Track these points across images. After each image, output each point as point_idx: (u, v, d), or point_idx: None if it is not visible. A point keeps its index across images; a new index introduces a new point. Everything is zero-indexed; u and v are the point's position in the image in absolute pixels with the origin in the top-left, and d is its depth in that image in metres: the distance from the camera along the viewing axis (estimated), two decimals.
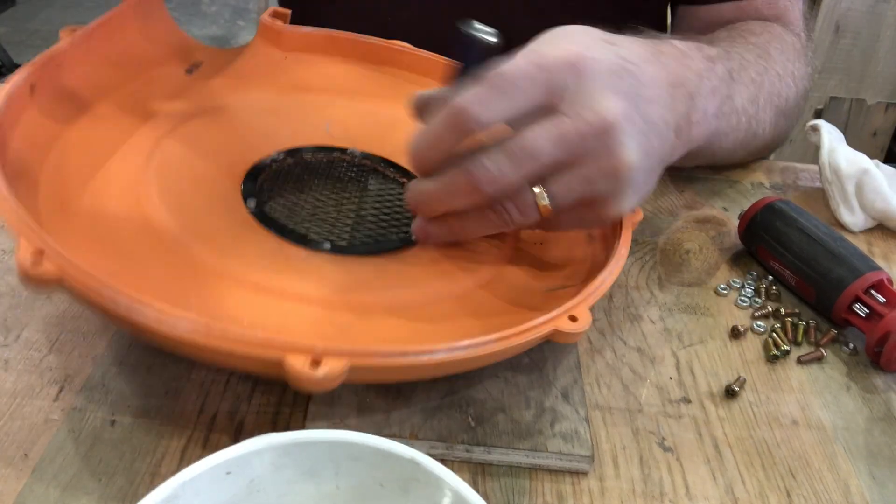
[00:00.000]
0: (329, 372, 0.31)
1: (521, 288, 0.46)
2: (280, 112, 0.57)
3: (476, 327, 0.36)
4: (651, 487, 0.38)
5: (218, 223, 0.46)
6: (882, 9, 1.69)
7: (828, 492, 0.39)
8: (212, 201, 0.47)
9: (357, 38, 0.62)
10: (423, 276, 0.45)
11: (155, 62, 0.57)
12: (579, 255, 0.48)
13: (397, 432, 0.38)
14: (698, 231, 0.57)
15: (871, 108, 1.83)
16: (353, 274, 0.44)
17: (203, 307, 0.39)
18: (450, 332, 0.35)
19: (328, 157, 0.54)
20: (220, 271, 0.42)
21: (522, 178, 0.39)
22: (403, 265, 0.46)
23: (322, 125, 0.57)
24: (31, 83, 0.45)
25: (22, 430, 0.38)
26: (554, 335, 0.37)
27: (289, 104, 0.58)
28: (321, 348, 0.32)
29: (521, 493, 0.37)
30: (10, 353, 0.42)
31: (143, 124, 0.52)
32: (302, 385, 0.32)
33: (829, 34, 1.72)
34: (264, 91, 0.59)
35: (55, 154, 0.46)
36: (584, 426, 0.39)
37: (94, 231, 0.42)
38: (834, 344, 0.48)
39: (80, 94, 0.50)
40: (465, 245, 0.47)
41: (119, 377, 0.41)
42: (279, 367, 0.31)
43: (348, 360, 0.32)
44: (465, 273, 0.45)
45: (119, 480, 0.36)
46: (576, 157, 0.39)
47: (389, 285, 0.44)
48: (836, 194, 0.59)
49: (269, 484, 0.30)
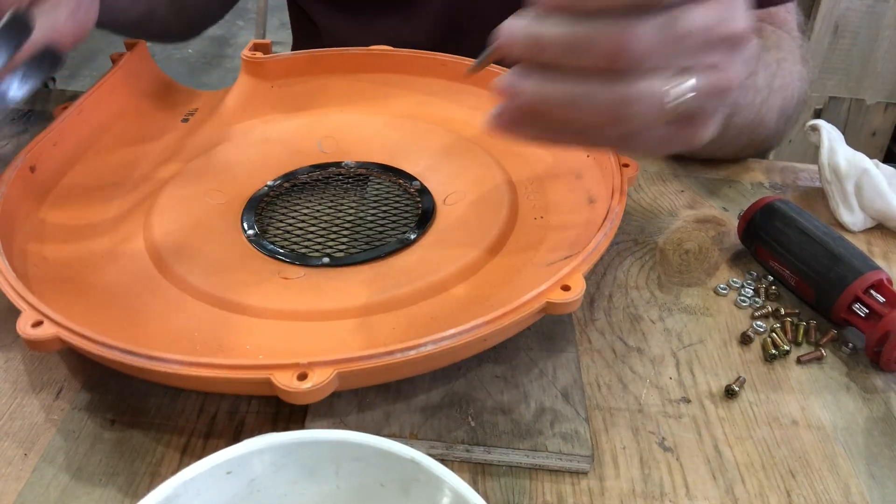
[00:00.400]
0: (316, 383, 0.32)
1: (522, 266, 0.45)
2: (273, 140, 0.58)
3: (480, 312, 0.36)
4: (651, 487, 0.38)
5: (218, 256, 0.47)
6: (881, 9, 1.69)
7: (828, 492, 0.39)
8: (212, 237, 0.49)
9: (336, 52, 0.63)
10: (422, 272, 0.45)
11: (150, 118, 0.59)
12: (581, 221, 0.48)
13: (397, 432, 0.38)
14: (698, 231, 0.57)
15: (871, 108, 1.84)
16: (351, 283, 0.45)
17: (207, 338, 0.40)
18: (455, 322, 0.35)
19: (324, 174, 0.55)
20: (220, 301, 0.43)
21: (674, 60, 0.32)
22: (402, 265, 0.46)
23: (314, 144, 0.58)
24: (31, 165, 0.48)
25: (22, 429, 0.38)
26: (548, 308, 0.37)
27: (280, 130, 0.59)
28: (305, 361, 0.33)
29: (521, 492, 0.37)
30: (10, 353, 0.42)
31: (144, 176, 0.54)
32: (294, 399, 0.33)
33: (828, 34, 1.72)
34: (256, 123, 0.60)
35: (59, 211, 0.49)
36: (583, 426, 0.39)
37: (101, 278, 0.45)
38: (834, 344, 0.48)
39: (79, 161, 0.52)
40: (463, 234, 0.48)
41: (119, 377, 0.41)
42: (269, 385, 0.33)
43: (334, 368, 0.33)
44: (465, 260, 0.45)
45: (119, 480, 0.36)
46: (720, 58, 0.33)
47: (388, 287, 0.44)
48: (836, 194, 0.59)
49: (269, 484, 0.30)
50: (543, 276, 0.38)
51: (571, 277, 0.38)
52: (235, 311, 0.42)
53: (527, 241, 0.47)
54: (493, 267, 0.46)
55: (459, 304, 0.43)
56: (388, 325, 0.41)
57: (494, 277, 0.45)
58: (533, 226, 0.49)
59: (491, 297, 0.43)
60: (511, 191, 0.51)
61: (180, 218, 0.49)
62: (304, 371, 0.33)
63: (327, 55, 0.63)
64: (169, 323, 0.42)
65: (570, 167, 0.52)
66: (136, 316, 0.42)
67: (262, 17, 1.64)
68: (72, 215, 0.49)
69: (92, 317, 0.40)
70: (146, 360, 0.34)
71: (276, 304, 0.43)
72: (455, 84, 0.61)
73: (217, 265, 0.46)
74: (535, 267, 0.45)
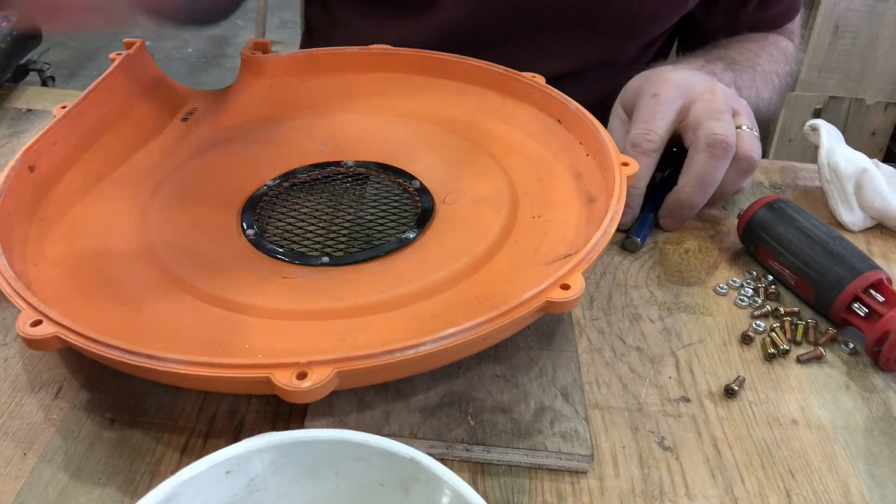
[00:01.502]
0: (315, 382, 0.32)
1: (521, 265, 0.45)
2: (272, 139, 0.58)
3: (480, 312, 0.36)
4: (650, 487, 0.38)
5: (218, 257, 0.47)
6: (881, 9, 1.69)
7: (827, 491, 0.39)
8: (212, 237, 0.48)
9: (335, 51, 0.63)
10: (421, 271, 0.45)
11: (150, 118, 0.58)
12: (581, 220, 0.48)
13: (397, 431, 0.38)
14: (698, 231, 0.57)
15: (870, 108, 1.83)
16: (351, 283, 0.45)
17: (207, 338, 0.40)
18: (455, 321, 0.35)
19: (323, 174, 0.55)
20: (221, 302, 0.43)
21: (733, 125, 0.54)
22: (402, 264, 0.46)
23: (314, 143, 0.57)
24: (30, 164, 0.47)
25: (21, 429, 0.38)
26: (547, 307, 0.37)
27: (279, 130, 0.59)
28: (305, 361, 0.33)
29: (521, 492, 0.37)
30: (9, 352, 0.42)
31: (143, 175, 0.53)
32: (294, 398, 0.33)
33: (828, 34, 1.72)
34: (256, 122, 0.60)
35: (59, 210, 0.49)
36: (583, 425, 0.39)
37: (100, 276, 0.44)
38: (833, 343, 0.48)
39: (78, 161, 0.52)
40: (463, 234, 0.48)
41: (118, 376, 0.41)
42: (269, 385, 0.33)
43: (334, 367, 0.33)
44: (464, 259, 0.45)
45: (118, 479, 0.36)
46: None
47: (388, 287, 0.44)
48: (835, 194, 0.59)
49: (269, 483, 0.30)
50: (543, 275, 0.38)
51: (571, 276, 0.38)
52: (235, 311, 0.42)
53: (526, 241, 0.47)
54: (492, 266, 0.46)
55: (459, 303, 0.43)
56: (388, 324, 0.41)
57: (494, 276, 0.45)
58: (532, 225, 0.49)
59: (491, 297, 0.43)
60: (510, 190, 0.51)
61: (180, 217, 0.49)
62: (304, 370, 0.33)
63: (327, 55, 0.63)
64: (168, 322, 0.41)
65: (571, 167, 0.52)
66: (136, 315, 0.42)
67: (262, 16, 1.63)
68: (71, 214, 0.49)
69: (91, 316, 0.40)
70: (146, 360, 0.34)
71: (275, 304, 0.42)
72: (454, 83, 0.61)
73: (216, 265, 0.46)
74: (535, 266, 0.45)
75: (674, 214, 0.56)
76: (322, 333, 0.41)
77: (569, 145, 0.53)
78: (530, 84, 0.56)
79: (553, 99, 0.55)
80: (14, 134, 0.60)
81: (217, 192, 0.52)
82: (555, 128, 0.55)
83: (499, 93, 0.59)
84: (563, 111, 0.54)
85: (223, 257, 0.47)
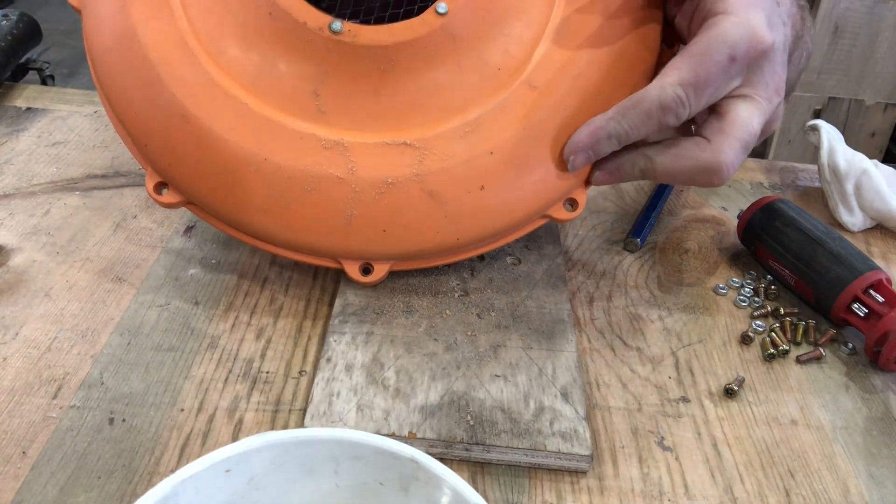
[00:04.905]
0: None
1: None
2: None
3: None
4: (650, 487, 0.38)
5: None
6: (881, 9, 1.69)
7: (827, 492, 0.39)
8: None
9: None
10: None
11: None
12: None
13: (396, 431, 0.38)
14: (698, 231, 0.57)
15: (870, 109, 1.83)
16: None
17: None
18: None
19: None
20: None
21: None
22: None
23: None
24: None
25: (20, 427, 0.38)
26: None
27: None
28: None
29: (521, 491, 0.37)
30: (8, 351, 0.42)
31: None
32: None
33: (828, 35, 1.72)
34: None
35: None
36: (583, 425, 0.39)
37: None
38: (833, 344, 0.48)
39: None
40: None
41: (118, 375, 0.41)
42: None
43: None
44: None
45: (118, 478, 0.36)
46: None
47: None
48: (835, 194, 0.59)
49: (268, 482, 0.30)
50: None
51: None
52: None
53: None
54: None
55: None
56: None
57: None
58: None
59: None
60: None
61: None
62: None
63: None
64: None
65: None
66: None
67: None
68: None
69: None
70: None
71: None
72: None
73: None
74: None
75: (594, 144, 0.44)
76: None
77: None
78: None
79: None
80: (13, 132, 0.60)
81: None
82: None
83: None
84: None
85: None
